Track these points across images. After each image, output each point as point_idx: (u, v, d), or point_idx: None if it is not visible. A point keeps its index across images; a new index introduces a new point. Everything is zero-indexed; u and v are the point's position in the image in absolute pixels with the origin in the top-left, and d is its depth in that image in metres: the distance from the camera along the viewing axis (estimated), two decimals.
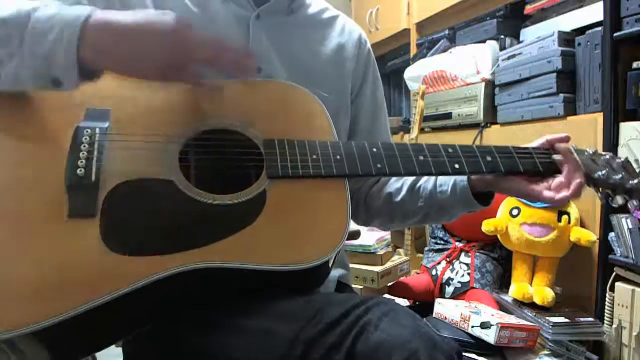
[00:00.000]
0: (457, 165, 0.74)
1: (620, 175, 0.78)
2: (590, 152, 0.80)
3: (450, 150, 0.76)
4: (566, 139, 0.80)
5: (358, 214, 0.95)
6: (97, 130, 0.65)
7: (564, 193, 0.74)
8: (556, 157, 0.77)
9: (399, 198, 0.88)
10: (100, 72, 0.64)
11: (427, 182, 0.85)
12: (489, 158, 0.76)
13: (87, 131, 0.65)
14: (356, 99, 0.94)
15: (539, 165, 0.77)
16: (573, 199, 0.74)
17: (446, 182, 0.83)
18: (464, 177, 0.80)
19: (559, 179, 0.75)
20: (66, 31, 0.59)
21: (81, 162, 0.63)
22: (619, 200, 0.78)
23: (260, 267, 0.61)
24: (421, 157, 0.74)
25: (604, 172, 0.78)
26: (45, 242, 0.58)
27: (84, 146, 0.64)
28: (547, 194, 0.75)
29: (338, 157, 0.71)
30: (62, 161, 0.63)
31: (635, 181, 0.78)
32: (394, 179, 0.91)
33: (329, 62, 0.89)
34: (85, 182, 0.62)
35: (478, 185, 0.80)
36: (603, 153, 0.81)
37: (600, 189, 0.80)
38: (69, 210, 0.60)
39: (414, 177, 0.87)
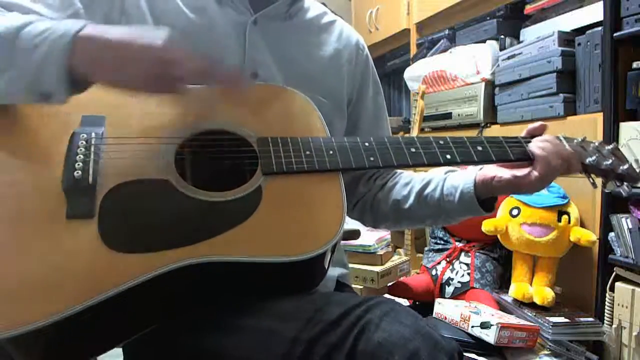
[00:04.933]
0: (448, 156, 0.76)
1: (610, 161, 0.79)
2: (580, 139, 0.81)
3: (441, 141, 0.77)
4: (541, 128, 0.82)
5: (365, 218, 0.96)
6: (93, 134, 0.66)
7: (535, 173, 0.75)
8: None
9: (406, 205, 0.88)
10: (90, 84, 0.64)
11: (434, 191, 0.86)
12: (479, 148, 0.78)
13: (83, 136, 0.66)
14: (357, 104, 0.95)
15: (530, 153, 0.78)
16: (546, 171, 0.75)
17: (452, 192, 0.83)
18: (471, 187, 0.81)
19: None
20: (56, 44, 0.59)
21: (78, 164, 0.63)
22: (611, 185, 0.80)
23: (257, 260, 0.62)
24: (413, 149, 0.75)
25: (594, 158, 0.79)
26: (44, 244, 0.59)
27: (81, 150, 0.65)
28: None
29: (331, 152, 0.72)
30: (59, 165, 0.64)
31: (626, 166, 0.79)
32: (400, 185, 0.91)
33: (325, 67, 0.89)
34: (82, 184, 0.62)
35: (483, 192, 0.81)
36: (592, 140, 0.83)
37: (592, 175, 0.81)
38: (67, 211, 0.61)
39: (421, 185, 0.88)
